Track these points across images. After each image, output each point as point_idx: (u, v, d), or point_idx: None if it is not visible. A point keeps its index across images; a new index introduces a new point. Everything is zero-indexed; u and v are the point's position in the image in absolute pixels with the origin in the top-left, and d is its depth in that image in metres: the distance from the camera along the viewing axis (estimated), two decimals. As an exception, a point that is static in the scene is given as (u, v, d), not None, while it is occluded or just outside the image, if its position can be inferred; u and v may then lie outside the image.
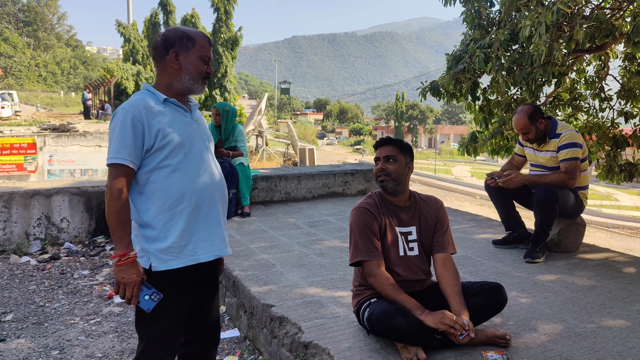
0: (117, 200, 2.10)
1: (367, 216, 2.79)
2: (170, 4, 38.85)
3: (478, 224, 5.67)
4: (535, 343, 2.76)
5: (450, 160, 69.62)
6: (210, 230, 2.28)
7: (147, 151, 2.15)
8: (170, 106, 2.23)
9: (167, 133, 2.16)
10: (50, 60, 76.57)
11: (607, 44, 5.67)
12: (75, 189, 6.25)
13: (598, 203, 34.00)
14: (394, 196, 2.85)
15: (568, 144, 4.29)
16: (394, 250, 2.81)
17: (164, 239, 2.17)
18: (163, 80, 2.26)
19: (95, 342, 3.80)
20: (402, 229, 2.84)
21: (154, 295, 2.14)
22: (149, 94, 2.23)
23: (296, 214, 6.22)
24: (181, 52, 2.22)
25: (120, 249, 2.10)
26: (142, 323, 2.23)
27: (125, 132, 2.10)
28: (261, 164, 29.74)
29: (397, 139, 2.89)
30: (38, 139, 17.92)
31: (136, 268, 2.12)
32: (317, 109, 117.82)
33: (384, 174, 2.80)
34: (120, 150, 2.10)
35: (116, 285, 2.12)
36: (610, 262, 4.26)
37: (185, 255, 2.21)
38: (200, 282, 2.35)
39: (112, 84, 32.27)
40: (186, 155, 2.21)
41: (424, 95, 6.33)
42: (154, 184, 2.17)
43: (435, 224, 2.91)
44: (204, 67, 2.26)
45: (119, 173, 2.11)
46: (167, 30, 2.27)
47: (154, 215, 2.17)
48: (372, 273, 2.72)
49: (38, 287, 4.92)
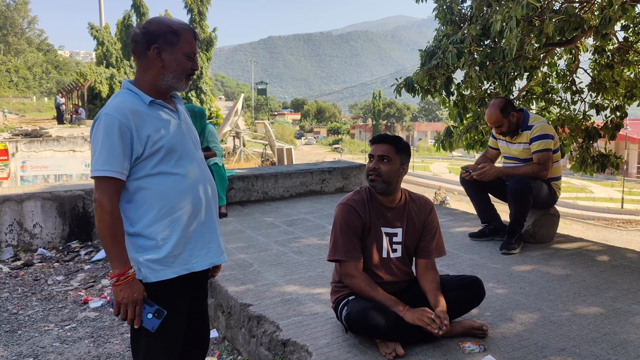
0: (110, 214, 1.96)
1: (351, 214, 2.73)
2: (143, 6, 38.46)
3: (455, 218, 5.71)
4: (511, 332, 2.79)
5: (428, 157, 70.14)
6: (206, 237, 2.16)
7: (136, 159, 2.01)
8: (157, 107, 2.08)
9: (158, 138, 2.02)
10: (22, 65, 75.20)
11: (576, 37, 5.75)
12: (47, 193, 6.14)
13: (573, 195, 34.59)
14: (383, 196, 2.77)
15: (540, 135, 4.34)
16: (376, 252, 2.77)
17: (158, 249, 2.03)
18: (146, 77, 2.08)
19: (70, 348, 3.73)
20: (387, 230, 2.79)
21: (158, 312, 2.01)
22: (132, 95, 2.06)
23: (274, 213, 6.19)
24: (164, 48, 2.04)
25: (117, 267, 1.96)
26: (139, 339, 2.09)
27: (113, 141, 1.95)
28: (239, 164, 29.61)
29: (395, 137, 2.75)
30: (10, 145, 17.56)
31: (137, 286, 1.99)
32: (294, 109, 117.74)
33: (375, 174, 2.70)
34: (107, 161, 1.95)
35: (116, 306, 1.99)
36: (585, 252, 4.32)
37: (178, 265, 2.08)
38: (194, 289, 2.24)
39: (85, 88, 31.82)
40: (179, 159, 2.08)
41: (399, 92, 6.35)
42: (145, 192, 2.03)
43: (422, 228, 2.85)
44: (189, 63, 2.10)
45: (109, 186, 1.97)
46: (148, 22, 2.08)
47: (148, 224, 2.03)
48: (349, 274, 2.69)
49: (11, 295, 4.82)
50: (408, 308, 2.56)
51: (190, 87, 36.34)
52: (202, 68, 36.93)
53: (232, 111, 30.82)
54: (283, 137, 57.37)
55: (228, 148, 34.43)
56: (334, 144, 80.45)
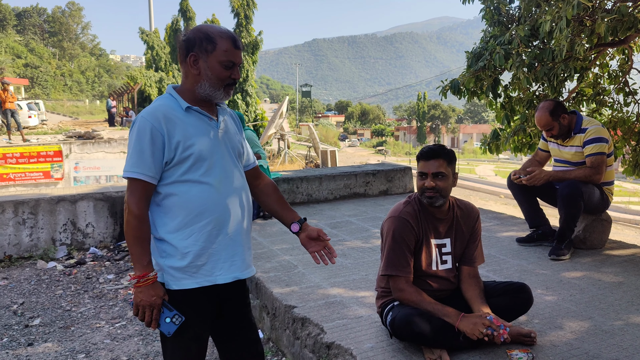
0: (135, 216, 1.98)
1: (405, 228, 2.69)
2: (190, 10, 39.20)
3: (502, 222, 5.61)
4: (561, 341, 2.72)
5: (473, 159, 68.96)
6: (230, 250, 2.11)
7: (166, 163, 2.01)
8: (194, 114, 2.06)
9: (188, 145, 2.01)
10: (75, 70, 77.99)
11: (630, 37, 5.56)
12: (99, 194, 6.34)
13: (626, 200, 33.35)
14: (436, 208, 2.73)
15: (594, 138, 4.22)
16: (426, 264, 2.74)
17: (180, 257, 2.03)
18: (187, 84, 2.08)
19: (120, 345, 3.84)
20: (437, 241, 2.76)
21: (176, 318, 2.01)
22: (171, 100, 2.07)
23: (318, 215, 6.22)
24: (200, 55, 2.02)
25: (139, 269, 1.98)
26: (166, 345, 2.13)
27: (143, 144, 1.97)
28: (283, 166, 29.84)
29: (442, 149, 2.69)
30: (64, 147, 18.24)
31: (156, 289, 1.99)
32: (338, 111, 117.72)
33: (433, 192, 2.64)
34: (137, 163, 1.97)
35: (135, 308, 2.00)
36: (638, 259, 4.17)
37: (201, 275, 2.06)
38: (227, 300, 2.19)
39: (135, 91, 32.68)
40: (209, 169, 2.05)
41: (444, 94, 6.29)
42: (173, 198, 2.03)
43: (469, 235, 2.83)
44: (227, 72, 2.04)
45: (137, 188, 1.99)
46: (191, 30, 2.07)
47: (172, 230, 2.03)
48: (399, 288, 2.67)
49: (64, 292, 5.00)
50: (463, 316, 2.50)
51: (236, 90, 36.83)
52: (247, 71, 37.39)
53: (277, 114, 31.09)
54: (327, 139, 57.47)
55: (273, 150, 34.76)
56: (378, 146, 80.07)
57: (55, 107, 57.35)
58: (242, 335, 2.28)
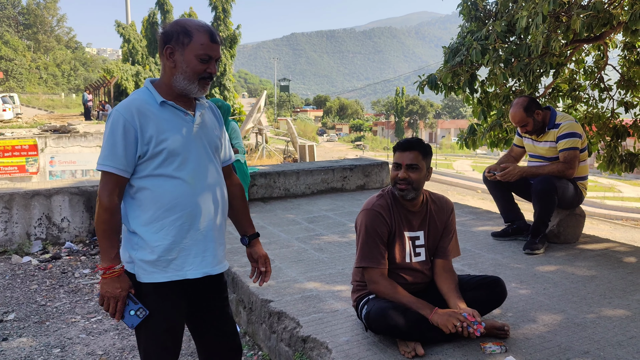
0: (106, 209, 1.99)
1: (378, 221, 2.70)
2: (168, 4, 38.82)
3: (477, 217, 5.66)
4: (534, 334, 2.75)
5: (451, 154, 69.61)
6: (202, 245, 2.11)
7: (140, 157, 2.01)
8: (168, 109, 2.05)
9: (161, 140, 2.00)
10: (51, 63, 76.63)
11: (605, 34, 5.64)
12: (74, 188, 6.24)
13: (601, 195, 33.97)
14: (408, 201, 2.75)
15: (567, 133, 4.27)
16: (400, 256, 2.76)
17: (150, 250, 2.03)
18: (164, 78, 2.08)
19: (96, 339, 3.80)
20: (410, 234, 2.78)
21: (140, 311, 2.03)
22: (147, 94, 2.06)
23: (295, 209, 6.21)
24: (177, 48, 2.01)
25: (106, 261, 2.00)
26: (139, 338, 2.14)
27: (116, 138, 1.97)
28: (261, 161, 29.74)
29: (419, 142, 2.71)
30: (39, 141, 17.96)
31: (122, 282, 2.01)
32: (316, 105, 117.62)
33: (405, 183, 2.65)
34: (109, 156, 1.98)
35: (100, 298, 2.03)
36: (611, 253, 4.24)
37: (171, 270, 2.06)
38: (199, 294, 2.20)
39: (112, 85, 32.30)
40: (182, 164, 2.04)
41: (422, 89, 6.31)
42: (145, 192, 2.03)
43: (443, 229, 2.85)
44: (202, 66, 2.03)
45: (109, 180, 1.99)
46: (169, 24, 2.07)
47: (143, 223, 2.04)
48: (374, 280, 2.68)
49: (39, 287, 4.92)
50: (436, 310, 2.52)
51: (214, 84, 36.59)
52: (225, 65, 37.18)
53: (254, 108, 30.97)
54: (305, 134, 57.45)
55: (250, 145, 34.61)
56: (356, 140, 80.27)
57: (30, 101, 56.34)
58: (219, 328, 2.28)
